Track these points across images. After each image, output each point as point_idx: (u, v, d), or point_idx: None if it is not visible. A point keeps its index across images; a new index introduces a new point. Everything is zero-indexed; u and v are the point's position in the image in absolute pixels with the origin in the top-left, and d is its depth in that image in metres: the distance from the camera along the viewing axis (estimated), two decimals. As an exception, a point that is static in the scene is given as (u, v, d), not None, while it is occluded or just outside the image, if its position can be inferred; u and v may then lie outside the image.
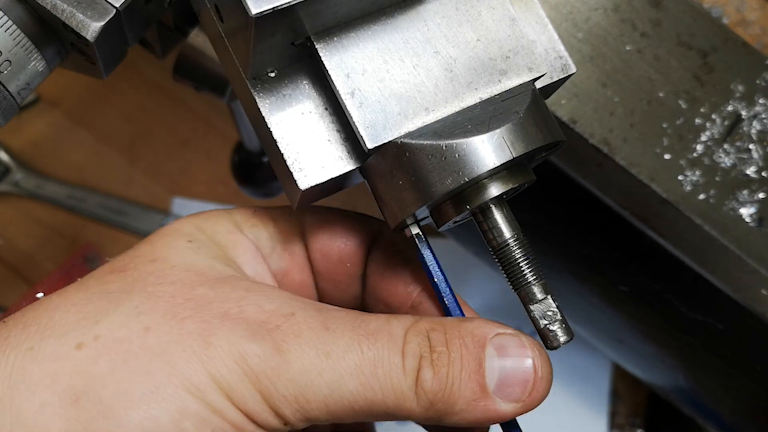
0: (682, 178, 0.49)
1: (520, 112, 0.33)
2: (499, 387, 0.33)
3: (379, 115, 0.33)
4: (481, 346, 0.33)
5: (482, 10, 0.35)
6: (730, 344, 0.60)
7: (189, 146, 1.10)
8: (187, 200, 1.07)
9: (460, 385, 0.32)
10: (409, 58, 0.34)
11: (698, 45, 0.50)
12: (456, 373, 0.32)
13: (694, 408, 0.75)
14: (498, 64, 0.35)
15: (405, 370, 0.32)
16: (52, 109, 1.10)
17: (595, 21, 0.49)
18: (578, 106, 0.49)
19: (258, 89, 0.34)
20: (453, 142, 0.32)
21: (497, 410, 0.33)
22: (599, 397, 0.95)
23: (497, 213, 0.34)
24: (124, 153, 1.09)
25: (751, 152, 0.49)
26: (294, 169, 0.34)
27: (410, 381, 0.32)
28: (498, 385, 0.33)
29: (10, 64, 0.35)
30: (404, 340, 0.33)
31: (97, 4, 0.35)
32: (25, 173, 1.07)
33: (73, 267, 1.00)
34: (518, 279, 0.35)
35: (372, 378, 0.32)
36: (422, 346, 0.33)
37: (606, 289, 0.66)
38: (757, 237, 0.49)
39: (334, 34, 0.33)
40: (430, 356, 0.33)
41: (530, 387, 0.33)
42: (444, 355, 0.33)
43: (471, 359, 0.33)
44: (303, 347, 0.32)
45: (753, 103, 0.49)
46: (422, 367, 0.32)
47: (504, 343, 0.33)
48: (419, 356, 0.32)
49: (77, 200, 1.07)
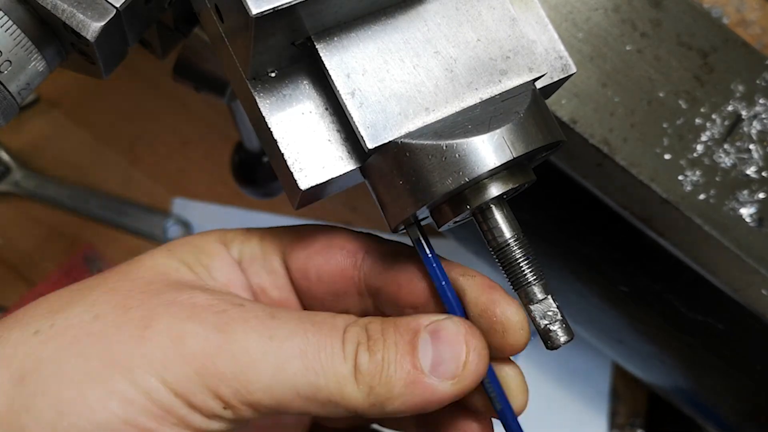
0: (682, 178, 0.49)
1: (520, 112, 0.33)
2: (433, 366, 0.34)
3: (379, 115, 0.33)
4: (414, 332, 0.35)
5: (482, 10, 0.35)
6: (730, 344, 0.60)
7: (189, 146, 1.10)
8: (187, 200, 1.07)
9: (395, 367, 0.34)
10: (409, 58, 0.34)
11: (698, 45, 0.50)
12: (391, 356, 0.34)
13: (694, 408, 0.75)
14: (498, 64, 0.35)
15: (345, 355, 0.34)
16: (52, 109, 1.10)
17: (595, 21, 0.49)
18: (578, 106, 0.49)
19: (258, 89, 0.34)
20: (453, 142, 0.32)
21: (435, 389, 0.34)
22: (599, 397, 0.95)
23: (497, 213, 0.34)
24: (124, 153, 1.09)
25: (751, 152, 0.49)
26: (294, 169, 0.34)
27: (350, 366, 0.33)
28: (432, 364, 0.34)
29: (11, 64, 0.35)
30: (345, 330, 0.35)
31: (97, 4, 0.35)
32: (25, 173, 1.07)
33: (73, 267, 1.00)
34: (518, 279, 0.35)
35: (315, 361, 0.33)
36: (359, 335, 0.34)
37: (606, 289, 0.66)
38: (757, 237, 0.49)
39: (334, 34, 0.33)
40: (366, 343, 0.34)
41: (462, 361, 0.34)
42: (379, 342, 0.34)
43: (404, 343, 0.34)
44: (247, 330, 0.33)
45: (753, 103, 0.49)
46: (359, 352, 0.34)
47: (436, 327, 0.35)
48: (357, 343, 0.34)
49: (77, 200, 1.07)
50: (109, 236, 1.07)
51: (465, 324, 0.35)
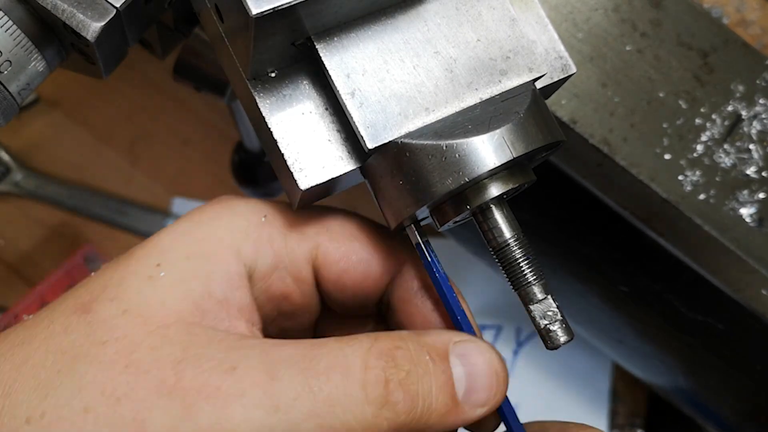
0: (682, 178, 0.49)
1: (520, 112, 0.33)
2: (467, 395, 0.33)
3: (379, 115, 0.33)
4: (445, 357, 0.33)
5: (482, 10, 0.35)
6: (730, 344, 0.60)
7: (189, 146, 1.10)
8: (187, 200, 1.07)
9: (431, 400, 0.32)
10: (409, 59, 0.34)
11: (698, 45, 0.50)
12: (427, 389, 0.32)
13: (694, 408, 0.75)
14: (498, 65, 0.35)
15: (368, 400, 0.31)
16: (52, 109, 1.10)
17: (595, 21, 0.49)
18: (578, 106, 0.49)
19: (258, 89, 0.34)
20: (453, 142, 0.32)
21: (467, 418, 0.33)
22: (599, 397, 0.95)
23: (497, 213, 0.35)
24: (124, 153, 1.09)
25: (751, 152, 0.49)
26: (294, 169, 0.34)
27: (374, 408, 0.31)
28: (465, 393, 0.33)
29: (11, 64, 0.35)
30: (365, 368, 0.31)
31: (97, 4, 0.35)
32: (25, 173, 1.07)
33: (73, 267, 1.00)
34: (518, 279, 0.35)
35: (330, 417, 0.30)
36: (387, 371, 0.32)
37: (606, 289, 0.66)
38: (757, 237, 0.49)
39: (334, 35, 0.33)
40: (397, 377, 0.31)
41: (494, 390, 0.34)
42: (413, 374, 0.32)
43: (439, 372, 0.33)
44: (248, 408, 0.30)
45: (753, 103, 0.49)
46: (391, 391, 0.31)
47: (464, 351, 0.34)
48: (384, 381, 0.31)
49: (77, 200, 1.07)
50: (109, 236, 1.06)
51: (488, 347, 0.34)
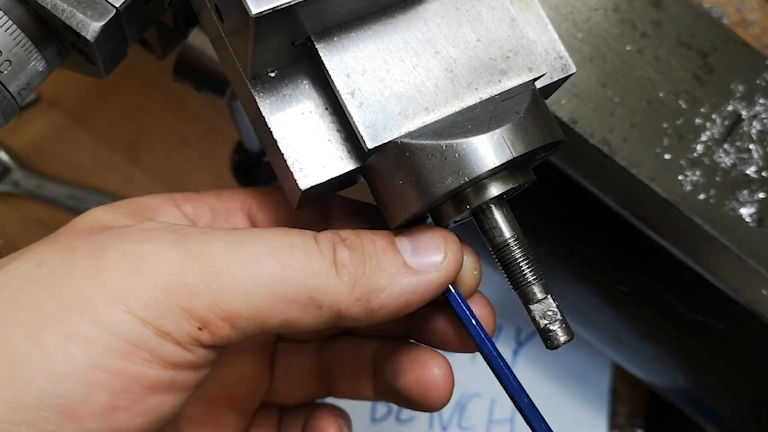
0: (682, 178, 0.49)
1: (520, 112, 0.33)
2: (414, 255, 0.33)
3: (379, 115, 0.33)
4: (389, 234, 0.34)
5: (482, 10, 0.35)
6: (730, 344, 0.60)
7: (189, 146, 1.10)
8: (187, 200, 1.07)
9: (378, 258, 0.33)
10: (409, 58, 0.34)
11: (698, 45, 0.50)
12: (371, 249, 0.33)
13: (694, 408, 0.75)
14: (498, 64, 0.35)
15: (321, 251, 0.32)
16: (52, 109, 1.10)
17: (595, 21, 0.49)
18: (578, 106, 0.49)
19: (258, 89, 0.34)
20: (453, 142, 0.32)
21: (419, 277, 0.33)
22: (599, 397, 0.94)
23: (497, 213, 0.35)
24: (124, 153, 1.09)
25: (751, 152, 0.49)
26: (294, 169, 0.34)
27: (328, 260, 0.32)
28: (412, 254, 0.33)
29: (11, 64, 0.35)
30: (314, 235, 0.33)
31: (97, 4, 0.35)
32: (25, 173, 1.07)
33: (73, 267, 1.00)
34: (518, 279, 0.35)
35: (289, 256, 0.31)
36: (332, 236, 0.33)
37: (606, 289, 0.66)
38: (757, 237, 0.49)
39: (334, 34, 0.33)
40: (342, 242, 0.33)
41: (443, 249, 0.34)
42: (356, 240, 0.33)
43: (382, 238, 0.34)
44: (209, 239, 0.31)
45: (753, 103, 0.49)
46: (337, 249, 0.32)
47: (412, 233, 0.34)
48: (332, 242, 0.33)
49: (77, 200, 1.07)
50: (109, 236, 1.06)
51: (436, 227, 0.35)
